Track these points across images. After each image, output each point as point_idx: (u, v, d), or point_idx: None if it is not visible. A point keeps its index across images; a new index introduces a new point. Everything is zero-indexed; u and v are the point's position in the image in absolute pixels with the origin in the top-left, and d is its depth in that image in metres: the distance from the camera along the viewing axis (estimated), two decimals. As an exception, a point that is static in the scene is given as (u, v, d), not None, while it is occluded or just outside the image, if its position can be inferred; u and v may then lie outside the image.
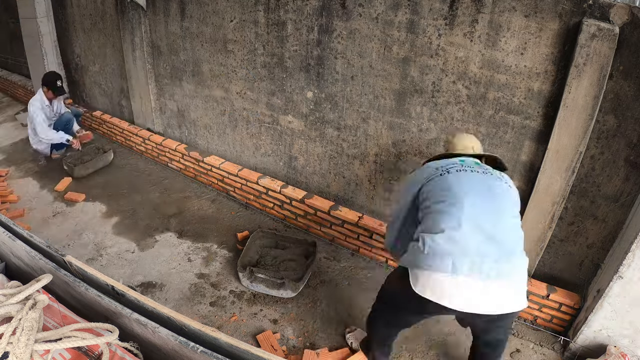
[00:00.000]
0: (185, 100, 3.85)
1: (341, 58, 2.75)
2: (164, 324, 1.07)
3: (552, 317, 2.50)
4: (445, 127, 2.55)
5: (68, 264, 1.31)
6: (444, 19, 2.32)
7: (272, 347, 2.32)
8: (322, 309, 2.63)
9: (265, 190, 3.38)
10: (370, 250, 3.01)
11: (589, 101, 2.05)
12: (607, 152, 2.17)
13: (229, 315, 2.55)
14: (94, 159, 4.03)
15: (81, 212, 3.47)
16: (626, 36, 1.94)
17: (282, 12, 2.88)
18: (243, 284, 2.74)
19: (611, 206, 2.26)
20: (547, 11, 2.06)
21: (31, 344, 0.98)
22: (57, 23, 4.77)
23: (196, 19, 3.38)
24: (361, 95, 2.78)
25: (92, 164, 3.98)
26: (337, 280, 2.86)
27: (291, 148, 3.30)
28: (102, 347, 1.05)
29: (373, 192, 3.02)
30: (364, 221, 2.96)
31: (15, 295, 1.09)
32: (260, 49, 3.10)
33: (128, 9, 3.78)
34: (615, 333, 2.22)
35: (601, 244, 2.36)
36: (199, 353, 0.98)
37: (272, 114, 3.28)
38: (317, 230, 3.21)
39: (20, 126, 5.05)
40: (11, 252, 1.46)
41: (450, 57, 2.38)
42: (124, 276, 2.81)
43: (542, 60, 2.15)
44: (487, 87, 2.34)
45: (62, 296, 1.33)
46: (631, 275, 2.02)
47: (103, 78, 4.65)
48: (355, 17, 2.60)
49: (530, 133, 2.33)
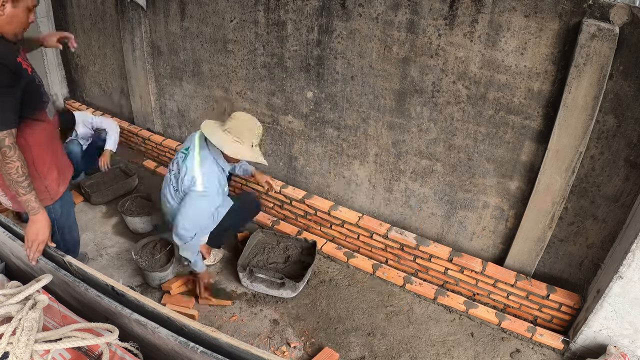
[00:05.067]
0: (185, 100, 3.85)
1: (341, 58, 2.75)
2: (164, 324, 1.07)
3: (552, 317, 2.51)
4: (446, 127, 2.55)
5: (68, 264, 1.31)
6: (444, 19, 2.32)
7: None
8: (322, 309, 2.63)
9: (265, 191, 3.38)
10: (371, 250, 3.01)
11: (589, 101, 2.05)
12: (607, 152, 2.17)
13: (229, 316, 2.55)
14: (115, 185, 3.58)
15: (81, 212, 3.46)
16: (626, 36, 1.94)
17: (282, 12, 2.88)
18: (243, 284, 2.74)
19: (611, 206, 2.26)
20: (547, 11, 2.06)
21: (31, 344, 0.98)
22: (57, 23, 4.77)
23: (196, 19, 3.38)
24: (361, 95, 2.78)
25: (112, 191, 3.54)
26: (337, 280, 2.86)
27: (291, 148, 3.30)
28: (102, 347, 1.05)
29: (373, 192, 3.02)
30: (364, 221, 2.96)
31: (15, 295, 1.09)
32: (260, 49, 3.10)
33: (128, 9, 3.78)
34: (615, 333, 2.22)
35: (601, 244, 2.36)
36: (199, 353, 0.98)
37: (272, 114, 3.27)
38: (317, 230, 3.21)
39: (20, 126, 5.04)
40: (11, 252, 1.46)
41: (450, 57, 2.38)
42: (124, 276, 2.81)
43: (542, 60, 2.15)
44: (487, 87, 2.34)
45: (62, 296, 1.33)
46: (631, 275, 2.02)
47: (103, 78, 4.65)
48: (355, 17, 2.60)
49: (530, 133, 2.33)
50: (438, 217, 2.82)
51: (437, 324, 2.57)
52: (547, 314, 2.51)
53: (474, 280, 2.66)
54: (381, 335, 2.47)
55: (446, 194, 2.72)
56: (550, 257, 2.55)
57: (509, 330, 2.52)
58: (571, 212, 2.39)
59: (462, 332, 2.53)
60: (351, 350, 2.37)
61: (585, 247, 2.42)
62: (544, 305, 2.49)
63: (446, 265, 2.72)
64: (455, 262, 2.67)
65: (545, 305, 2.48)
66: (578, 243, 2.44)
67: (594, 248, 2.39)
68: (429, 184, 2.76)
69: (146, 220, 3.17)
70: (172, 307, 2.53)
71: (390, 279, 2.84)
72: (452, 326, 2.56)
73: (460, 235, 2.78)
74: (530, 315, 2.57)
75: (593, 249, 2.40)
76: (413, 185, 2.82)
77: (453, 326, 2.56)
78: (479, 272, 2.62)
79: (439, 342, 2.45)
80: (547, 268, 2.59)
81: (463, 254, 2.71)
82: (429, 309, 2.67)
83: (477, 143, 2.49)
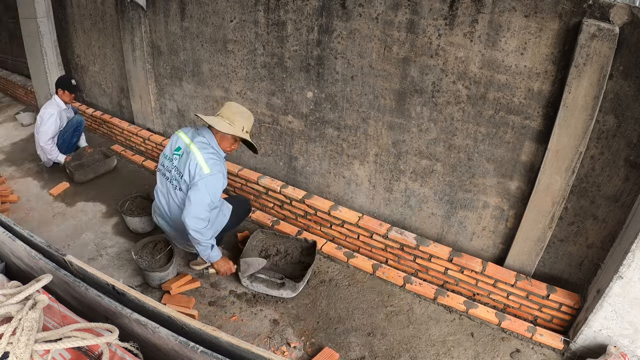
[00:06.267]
0: (186, 100, 3.85)
1: (341, 58, 2.75)
2: (164, 324, 1.07)
3: (552, 317, 2.51)
4: (446, 127, 2.55)
5: (68, 264, 1.31)
6: (444, 19, 2.32)
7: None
8: (322, 309, 2.63)
9: (265, 190, 3.38)
10: (371, 250, 3.01)
11: (589, 101, 2.05)
12: (607, 152, 2.17)
13: (229, 315, 2.55)
14: (95, 164, 3.99)
15: (81, 212, 3.46)
16: (626, 36, 1.94)
17: (282, 12, 2.88)
18: (243, 284, 2.74)
19: (611, 206, 2.26)
20: (547, 11, 2.06)
21: (31, 344, 0.98)
22: (57, 23, 4.77)
23: (196, 19, 3.38)
24: (361, 95, 2.78)
25: (92, 170, 3.93)
26: (337, 280, 2.86)
27: (291, 148, 3.30)
28: (102, 347, 1.05)
29: (373, 192, 3.02)
30: (364, 221, 2.96)
31: (15, 295, 1.09)
32: (260, 49, 3.10)
33: (128, 9, 3.78)
34: (615, 333, 2.22)
35: (601, 244, 2.36)
36: (199, 353, 0.98)
37: (272, 114, 3.27)
38: (317, 230, 3.21)
39: (20, 126, 5.06)
40: (11, 252, 1.46)
41: (450, 57, 2.38)
42: (124, 276, 2.81)
43: (542, 60, 2.15)
44: (487, 87, 2.34)
45: (62, 296, 1.33)
46: (631, 275, 2.02)
47: (103, 78, 4.65)
48: (355, 17, 2.60)
49: (530, 133, 2.33)
50: (438, 217, 2.82)
51: (437, 324, 2.57)
52: (547, 314, 2.51)
53: (474, 280, 2.66)
54: (381, 335, 2.47)
55: (446, 194, 2.72)
56: (550, 257, 2.55)
57: (509, 330, 2.52)
58: (571, 212, 2.39)
59: (462, 332, 2.53)
60: (351, 350, 2.37)
61: (585, 247, 2.42)
62: (544, 305, 2.49)
63: (446, 265, 2.72)
64: (455, 262, 2.67)
65: (545, 305, 2.48)
66: (578, 243, 2.44)
67: (594, 248, 2.39)
68: (429, 184, 2.76)
69: (146, 220, 3.17)
70: (173, 307, 2.53)
71: (390, 279, 2.84)
72: (452, 326, 2.56)
73: (460, 235, 2.78)
74: (530, 315, 2.57)
75: (593, 249, 2.40)
76: (413, 185, 2.82)
77: (453, 326, 2.56)
78: (479, 272, 2.62)
79: (439, 342, 2.45)
80: (547, 268, 2.59)
81: (463, 254, 2.70)
82: (429, 309, 2.67)
83: (477, 143, 2.49)
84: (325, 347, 2.37)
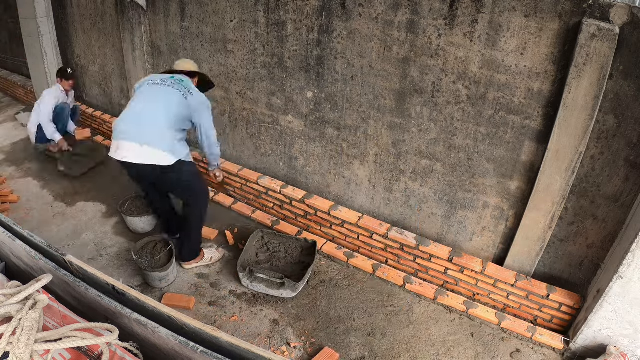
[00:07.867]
0: (185, 100, 3.84)
1: (341, 58, 2.75)
2: (164, 324, 1.07)
3: (552, 317, 2.51)
4: (446, 127, 2.55)
5: (68, 264, 1.31)
6: (444, 19, 2.32)
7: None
8: (322, 309, 2.63)
9: (265, 190, 3.38)
10: (371, 250, 3.01)
11: (589, 101, 2.05)
12: (607, 152, 2.17)
13: (229, 315, 2.55)
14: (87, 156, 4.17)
15: (81, 212, 3.46)
16: (626, 36, 1.94)
17: (282, 12, 2.88)
18: (243, 284, 2.74)
19: (611, 206, 2.26)
20: (547, 11, 2.06)
21: (31, 344, 0.98)
22: (57, 23, 4.77)
23: (196, 19, 3.38)
24: (361, 96, 2.78)
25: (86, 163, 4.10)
26: (337, 280, 2.86)
27: (291, 148, 3.30)
28: (102, 347, 1.05)
29: (373, 191, 3.02)
30: (364, 221, 2.96)
31: (15, 295, 1.08)
32: (260, 49, 3.10)
33: (128, 9, 3.78)
34: (615, 333, 2.22)
35: (601, 244, 2.36)
36: (199, 353, 0.98)
37: (272, 114, 3.27)
38: (317, 230, 3.21)
39: (20, 126, 5.05)
40: (11, 252, 1.46)
41: (450, 57, 2.38)
42: (124, 276, 2.81)
43: (542, 60, 2.15)
44: (487, 87, 2.34)
45: (62, 296, 1.32)
46: (631, 275, 2.02)
47: (103, 78, 4.65)
48: (355, 17, 2.60)
49: (530, 133, 2.33)
50: (438, 217, 2.82)
51: (437, 324, 2.57)
52: (547, 314, 2.51)
53: (474, 280, 2.66)
54: (381, 335, 2.47)
55: (446, 194, 2.72)
56: (550, 257, 2.55)
57: (509, 330, 2.52)
58: (571, 212, 2.39)
59: (462, 332, 2.53)
60: (351, 350, 2.37)
61: (585, 247, 2.42)
62: (544, 305, 2.49)
63: (446, 265, 2.72)
64: (455, 262, 2.67)
65: (545, 305, 2.48)
66: (578, 243, 2.44)
67: (594, 248, 2.39)
68: (429, 184, 2.76)
69: (146, 220, 3.17)
70: (173, 306, 2.53)
71: (390, 279, 2.84)
72: (452, 326, 2.56)
73: (460, 235, 2.78)
74: (530, 315, 2.57)
75: (593, 249, 2.40)
76: (413, 185, 2.82)
77: (453, 326, 2.56)
78: (479, 272, 2.62)
79: (439, 342, 2.45)
80: (547, 268, 2.59)
81: (463, 253, 2.71)
82: (429, 309, 2.67)
83: (477, 143, 2.49)
84: (325, 347, 2.37)
